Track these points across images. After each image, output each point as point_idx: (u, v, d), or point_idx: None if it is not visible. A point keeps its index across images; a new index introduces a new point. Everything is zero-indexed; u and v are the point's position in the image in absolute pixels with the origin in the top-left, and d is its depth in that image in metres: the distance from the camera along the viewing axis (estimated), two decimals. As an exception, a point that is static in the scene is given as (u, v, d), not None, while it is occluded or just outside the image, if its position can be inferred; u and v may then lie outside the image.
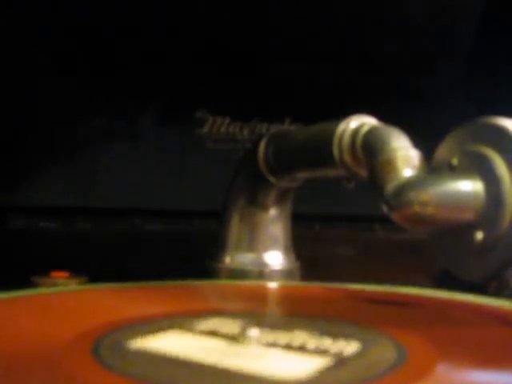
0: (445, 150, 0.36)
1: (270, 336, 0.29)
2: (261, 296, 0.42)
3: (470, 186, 0.33)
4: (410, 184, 0.34)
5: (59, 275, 0.46)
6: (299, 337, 0.29)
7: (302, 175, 0.45)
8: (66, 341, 0.28)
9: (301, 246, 0.49)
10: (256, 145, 0.46)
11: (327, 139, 0.40)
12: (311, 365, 0.26)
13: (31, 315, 0.34)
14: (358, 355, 0.27)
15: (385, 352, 0.28)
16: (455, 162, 0.35)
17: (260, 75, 0.61)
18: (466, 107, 0.62)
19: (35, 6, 0.57)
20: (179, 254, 0.58)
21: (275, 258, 0.47)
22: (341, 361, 0.26)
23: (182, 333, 0.30)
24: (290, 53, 0.61)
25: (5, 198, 0.60)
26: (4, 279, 0.39)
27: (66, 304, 0.38)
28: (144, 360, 0.26)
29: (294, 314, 0.35)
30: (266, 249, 0.47)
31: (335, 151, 0.39)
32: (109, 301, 0.38)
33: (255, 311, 0.36)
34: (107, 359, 0.26)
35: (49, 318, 0.34)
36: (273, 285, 0.45)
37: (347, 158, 0.39)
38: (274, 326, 0.31)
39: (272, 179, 0.46)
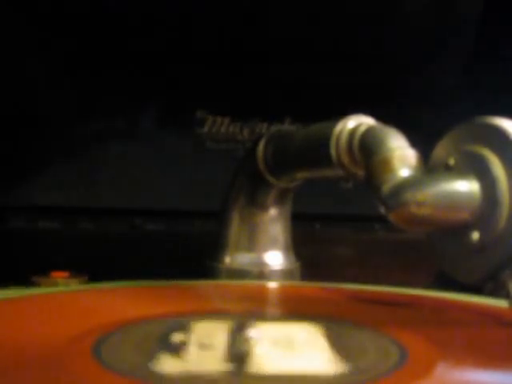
0: (442, 150, 0.36)
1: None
2: (261, 296, 0.42)
3: (466, 186, 0.33)
4: (406, 184, 0.34)
5: (59, 275, 0.46)
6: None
7: (301, 175, 0.45)
8: (66, 341, 0.28)
9: (301, 246, 0.49)
10: (255, 145, 0.46)
11: (325, 139, 0.40)
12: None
13: (31, 315, 0.34)
14: (358, 355, 0.27)
15: (385, 352, 0.28)
16: (452, 161, 0.35)
17: (260, 75, 0.61)
18: (466, 107, 0.62)
19: (35, 6, 0.57)
20: (179, 254, 0.58)
21: (275, 258, 0.47)
22: (341, 361, 0.26)
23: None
24: (290, 53, 0.61)
25: (5, 198, 0.60)
26: (4, 279, 0.39)
27: (66, 304, 0.38)
28: (144, 360, 0.26)
29: (294, 314, 0.35)
30: (265, 249, 0.47)
31: (333, 151, 0.39)
32: (109, 301, 0.38)
33: (255, 311, 0.36)
34: (107, 359, 0.26)
35: (49, 318, 0.34)
36: (273, 285, 0.45)
37: (345, 158, 0.39)
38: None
39: (271, 179, 0.46)
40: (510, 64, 0.62)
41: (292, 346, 0.28)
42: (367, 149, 0.37)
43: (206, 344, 0.28)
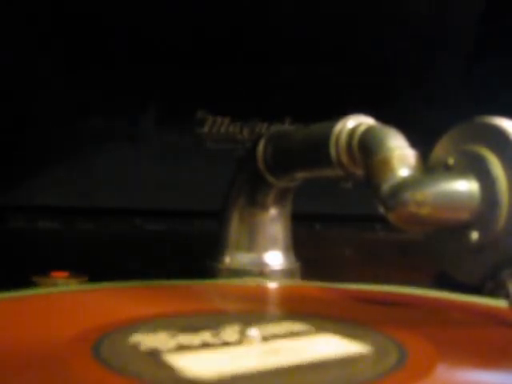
0: (441, 150, 0.36)
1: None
2: (260, 296, 0.42)
3: (465, 186, 0.33)
4: (405, 184, 0.34)
5: (59, 275, 0.46)
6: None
7: (301, 175, 0.45)
8: (66, 341, 0.28)
9: (301, 246, 0.49)
10: (255, 145, 0.46)
11: (324, 139, 0.40)
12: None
13: (31, 315, 0.34)
14: (358, 355, 0.27)
15: (385, 352, 0.28)
16: (451, 161, 0.35)
17: (260, 75, 0.62)
18: (466, 107, 0.62)
19: (35, 6, 0.57)
20: (179, 254, 0.58)
21: (275, 258, 0.47)
22: (341, 361, 0.26)
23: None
24: (291, 53, 0.61)
25: (5, 198, 0.60)
26: (4, 279, 0.39)
27: (66, 304, 0.38)
28: (144, 360, 0.26)
29: (294, 314, 0.35)
30: (265, 249, 0.47)
31: (332, 151, 0.39)
32: (109, 301, 0.38)
33: (255, 311, 0.36)
34: (107, 359, 0.26)
35: (49, 318, 0.34)
36: (273, 285, 0.45)
37: (344, 157, 0.39)
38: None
39: (271, 179, 0.46)
40: (509, 64, 0.62)
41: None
42: (367, 148, 0.37)
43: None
